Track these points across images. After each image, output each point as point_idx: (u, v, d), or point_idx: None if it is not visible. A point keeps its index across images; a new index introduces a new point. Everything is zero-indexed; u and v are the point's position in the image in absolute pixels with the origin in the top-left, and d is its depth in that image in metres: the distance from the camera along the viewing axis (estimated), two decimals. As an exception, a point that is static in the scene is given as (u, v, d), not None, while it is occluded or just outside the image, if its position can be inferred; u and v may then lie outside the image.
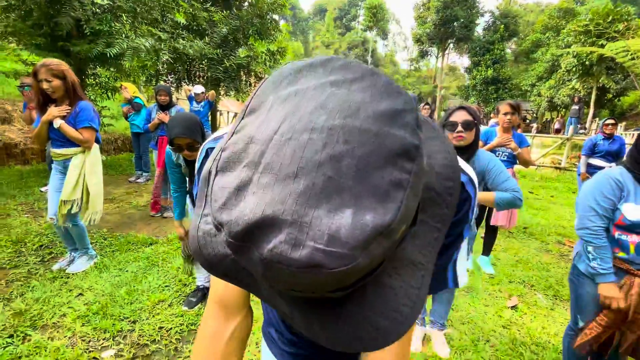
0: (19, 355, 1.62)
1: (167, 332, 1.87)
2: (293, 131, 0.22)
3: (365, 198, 0.21)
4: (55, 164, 2.38)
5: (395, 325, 0.28)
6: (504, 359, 1.85)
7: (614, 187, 1.33)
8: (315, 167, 0.21)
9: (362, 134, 0.22)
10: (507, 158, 2.73)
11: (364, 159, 0.21)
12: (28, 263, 2.49)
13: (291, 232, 0.20)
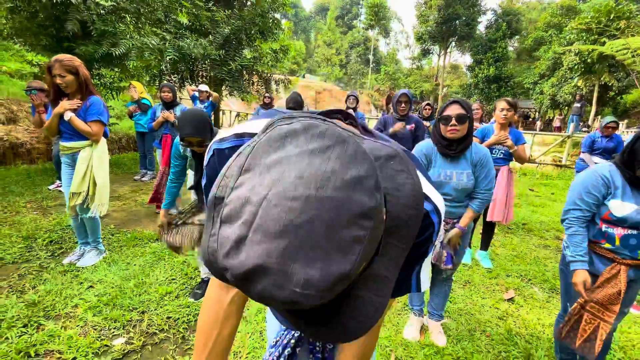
0: (34, 343, 1.70)
1: (175, 321, 1.95)
2: (278, 198, 0.29)
3: (332, 252, 0.28)
4: (64, 158, 2.47)
5: (362, 325, 0.36)
6: (499, 348, 1.92)
7: (600, 184, 1.39)
8: (294, 228, 0.28)
9: (330, 201, 0.29)
10: (503, 155, 2.79)
11: (332, 221, 0.28)
12: (39, 257, 2.57)
13: (276, 279, 0.28)
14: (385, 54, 40.97)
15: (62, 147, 2.41)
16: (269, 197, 0.29)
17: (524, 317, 2.27)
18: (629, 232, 1.38)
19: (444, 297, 2.01)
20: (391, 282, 0.40)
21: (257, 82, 8.75)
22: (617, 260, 1.38)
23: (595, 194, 1.40)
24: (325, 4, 51.72)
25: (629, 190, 1.38)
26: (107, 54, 5.27)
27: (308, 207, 0.28)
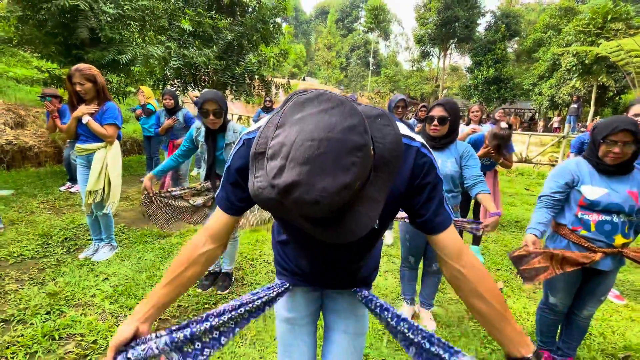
0: (57, 328, 1.86)
1: (185, 309, 2.11)
2: (302, 140, 0.46)
3: (338, 171, 0.46)
4: (80, 159, 2.64)
5: (360, 230, 0.54)
6: (484, 332, 2.07)
7: (565, 172, 1.59)
8: (314, 158, 0.45)
9: (335, 141, 0.46)
10: (490, 162, 2.95)
11: (336, 153, 0.46)
12: (56, 253, 2.74)
13: (305, 188, 0.45)
14: (386, 56, 41.19)
15: (78, 149, 2.59)
16: (296, 141, 0.46)
17: (511, 305, 2.41)
18: (602, 217, 1.53)
19: (434, 287, 2.16)
20: (380, 203, 0.56)
21: (258, 86, 8.94)
22: (593, 249, 1.54)
23: (560, 181, 1.59)
24: (326, 7, 52.07)
25: (598, 176, 1.55)
26: (114, 60, 5.47)
27: (321, 145, 0.46)
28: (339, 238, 0.53)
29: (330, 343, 1.02)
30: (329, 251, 0.85)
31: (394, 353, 1.84)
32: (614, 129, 1.46)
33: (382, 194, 0.57)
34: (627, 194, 1.50)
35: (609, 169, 1.53)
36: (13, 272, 2.43)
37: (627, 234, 1.53)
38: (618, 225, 1.52)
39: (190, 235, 3.24)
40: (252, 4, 7.63)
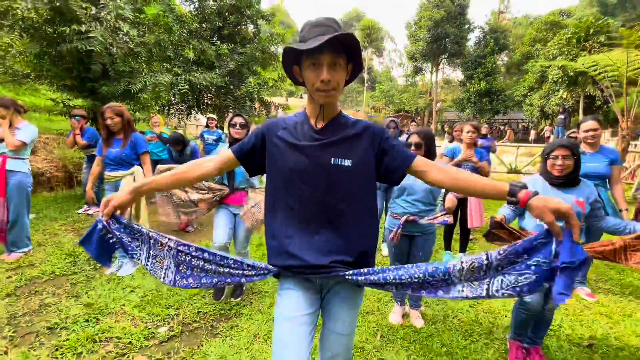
0: (96, 333, 2.16)
1: (204, 314, 2.42)
2: (316, 30, 1.05)
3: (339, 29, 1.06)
4: (108, 186, 3.00)
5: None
6: (466, 327, 2.37)
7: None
8: (326, 30, 1.04)
9: (335, 23, 1.08)
10: (471, 171, 3.31)
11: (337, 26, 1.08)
12: (84, 270, 3.06)
13: (323, 33, 1.00)
14: (380, 72, 42.30)
15: (107, 177, 2.95)
16: (314, 32, 1.00)
17: (491, 304, 2.72)
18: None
19: None
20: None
21: (259, 107, 9.43)
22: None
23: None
24: (320, 27, 53.77)
25: (550, 188, 1.91)
26: (125, 90, 5.92)
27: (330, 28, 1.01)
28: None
29: (325, 339, 1.19)
30: (310, 190, 1.07)
31: (385, 345, 2.14)
32: (553, 147, 1.84)
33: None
34: (575, 202, 1.85)
35: (559, 182, 1.89)
36: (49, 287, 2.74)
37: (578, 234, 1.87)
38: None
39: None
40: (250, 36, 8.19)
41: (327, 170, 1.08)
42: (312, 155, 1.08)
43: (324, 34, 0.97)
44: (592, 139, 2.74)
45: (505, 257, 0.96)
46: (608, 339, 2.34)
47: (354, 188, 1.10)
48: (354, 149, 1.10)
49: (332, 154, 1.08)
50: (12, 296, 2.59)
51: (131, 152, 2.89)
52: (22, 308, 2.43)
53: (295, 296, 1.12)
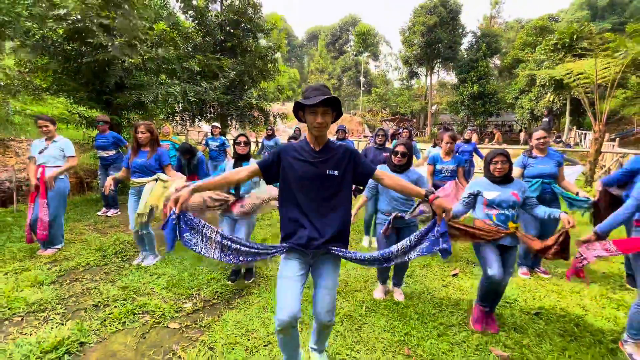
0: (134, 308, 2.65)
1: (221, 294, 2.91)
2: (315, 92, 1.63)
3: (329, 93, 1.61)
4: (132, 190, 3.47)
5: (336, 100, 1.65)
6: (437, 301, 2.88)
7: (468, 188, 2.47)
8: (322, 92, 1.60)
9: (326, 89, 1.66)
10: (450, 174, 3.83)
11: (327, 91, 1.64)
12: (114, 262, 3.55)
13: (318, 95, 1.57)
14: (376, 75, 43.01)
15: (132, 182, 3.43)
16: (314, 93, 1.58)
17: (462, 284, 3.23)
18: (499, 211, 2.38)
19: (403, 271, 2.97)
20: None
21: (258, 116, 9.95)
22: (501, 231, 2.37)
23: (466, 192, 2.46)
24: (317, 32, 54.58)
25: (492, 185, 2.43)
26: (137, 101, 6.42)
27: (323, 91, 1.60)
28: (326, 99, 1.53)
29: (317, 294, 1.73)
30: (314, 194, 1.66)
31: (369, 314, 2.65)
32: (495, 155, 2.37)
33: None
34: (511, 194, 2.37)
35: (498, 180, 2.41)
36: (87, 275, 3.23)
37: (515, 221, 2.39)
38: (509, 216, 2.38)
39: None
40: (251, 46, 8.74)
41: (324, 178, 1.67)
42: (314, 167, 1.67)
43: (319, 95, 1.55)
44: (542, 145, 3.28)
45: (420, 236, 1.78)
46: (554, 309, 2.85)
47: (340, 189, 1.70)
48: (340, 163, 1.69)
49: (327, 167, 1.68)
50: (56, 283, 3.08)
51: (155, 163, 3.36)
52: (67, 292, 2.92)
53: (292, 264, 1.71)
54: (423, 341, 2.31)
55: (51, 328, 2.36)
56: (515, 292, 3.07)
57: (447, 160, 3.87)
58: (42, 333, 2.30)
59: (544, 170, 3.25)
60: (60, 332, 2.29)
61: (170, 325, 2.46)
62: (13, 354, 2.07)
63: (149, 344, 2.25)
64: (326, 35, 49.61)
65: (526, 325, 2.58)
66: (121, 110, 6.61)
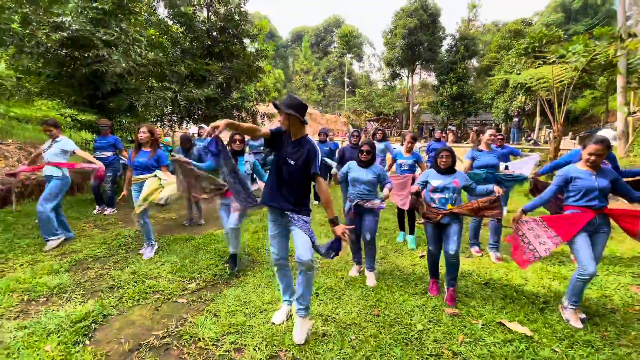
0: (144, 289, 3.06)
1: (221, 276, 3.36)
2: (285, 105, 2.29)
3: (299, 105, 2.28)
4: (134, 186, 3.82)
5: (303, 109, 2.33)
6: (405, 276, 3.42)
7: (421, 177, 3.01)
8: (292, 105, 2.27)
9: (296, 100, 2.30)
10: (408, 168, 4.39)
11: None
12: (119, 253, 3.93)
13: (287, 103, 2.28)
14: (360, 76, 43.78)
15: (134, 179, 3.79)
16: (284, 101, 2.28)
17: (425, 263, 3.77)
18: (441, 196, 2.93)
19: (372, 256, 3.45)
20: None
21: (245, 116, 10.33)
22: (440, 212, 2.92)
23: (420, 179, 3.01)
24: (301, 32, 54.95)
25: (437, 175, 2.98)
26: (130, 105, 6.73)
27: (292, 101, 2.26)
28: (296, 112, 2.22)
29: (294, 240, 2.31)
30: (286, 173, 2.24)
31: (347, 287, 3.16)
32: (441, 151, 2.93)
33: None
34: (452, 182, 2.93)
35: (442, 171, 2.97)
36: (97, 264, 3.61)
37: (454, 204, 2.94)
38: (448, 199, 2.93)
39: (209, 238, 4.49)
40: (238, 51, 9.12)
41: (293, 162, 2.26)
42: (289, 154, 2.24)
43: (285, 103, 2.19)
44: (491, 139, 3.93)
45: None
46: (501, 280, 3.43)
47: (301, 171, 2.28)
48: (303, 155, 2.25)
49: (296, 155, 2.24)
50: (70, 271, 3.45)
51: (154, 162, 3.76)
52: (82, 278, 3.30)
53: (270, 222, 2.42)
54: (390, 305, 2.84)
55: (75, 306, 2.76)
56: (470, 268, 3.65)
57: (407, 156, 4.44)
58: (68, 309, 2.69)
59: (489, 162, 3.90)
60: (85, 308, 2.69)
61: (178, 301, 2.89)
62: (47, 325, 2.47)
63: (162, 315, 2.68)
64: (310, 35, 50.07)
65: (475, 292, 3.14)
66: (115, 114, 6.90)
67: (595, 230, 2.65)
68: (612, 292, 3.20)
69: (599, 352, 2.30)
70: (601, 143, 2.56)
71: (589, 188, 2.59)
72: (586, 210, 2.62)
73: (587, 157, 2.63)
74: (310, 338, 2.36)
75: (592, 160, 2.60)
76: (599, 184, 2.59)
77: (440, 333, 2.47)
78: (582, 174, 2.66)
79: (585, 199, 2.62)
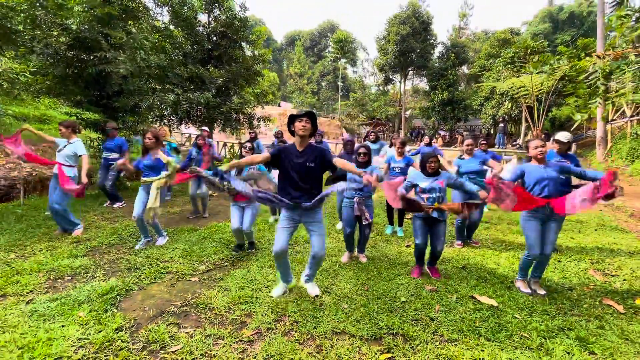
0: (159, 270, 3.41)
1: (227, 260, 3.73)
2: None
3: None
4: (142, 187, 4.02)
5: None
6: (392, 262, 3.83)
7: (409, 178, 3.43)
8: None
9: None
10: (400, 171, 4.80)
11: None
12: (131, 242, 4.26)
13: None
14: (354, 81, 44.48)
15: (142, 181, 4.01)
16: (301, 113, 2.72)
17: (411, 251, 4.20)
18: (428, 195, 3.35)
19: (365, 241, 3.88)
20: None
21: (242, 119, 10.70)
22: (427, 208, 3.34)
23: (408, 180, 3.42)
24: (296, 36, 55.57)
25: (425, 178, 3.39)
26: (134, 106, 7.05)
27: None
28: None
29: (312, 240, 2.74)
30: (299, 177, 2.64)
31: (341, 269, 3.56)
32: (429, 157, 3.35)
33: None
34: (438, 183, 3.35)
35: (429, 174, 3.39)
36: (112, 250, 3.94)
37: (440, 202, 3.36)
38: (435, 198, 3.35)
39: (214, 229, 4.86)
40: (237, 55, 9.51)
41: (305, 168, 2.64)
42: (299, 161, 2.62)
43: (305, 111, 2.59)
44: (469, 148, 4.37)
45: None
46: (477, 264, 3.87)
47: (321, 167, 2.67)
48: (316, 158, 2.65)
49: (307, 161, 2.62)
50: (88, 256, 3.78)
51: (160, 164, 4.00)
52: (99, 260, 3.64)
53: (284, 218, 2.73)
54: (378, 283, 3.25)
55: (99, 282, 3.10)
56: (450, 255, 4.09)
57: (399, 160, 4.85)
58: (94, 284, 3.03)
59: (471, 168, 4.36)
60: (108, 284, 3.03)
61: (191, 279, 3.26)
62: (77, 297, 2.81)
63: (178, 290, 3.04)
64: (305, 40, 50.70)
65: (453, 274, 3.58)
66: (119, 113, 7.21)
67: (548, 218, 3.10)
68: (571, 275, 3.66)
69: (553, 320, 2.74)
70: (541, 140, 3.18)
71: (539, 178, 3.06)
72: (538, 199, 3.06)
73: (533, 152, 3.11)
74: (310, 307, 2.75)
75: (538, 154, 3.09)
76: (547, 174, 3.05)
77: (420, 304, 2.89)
78: (532, 167, 3.14)
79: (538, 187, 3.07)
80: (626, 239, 4.86)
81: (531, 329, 2.58)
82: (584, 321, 2.75)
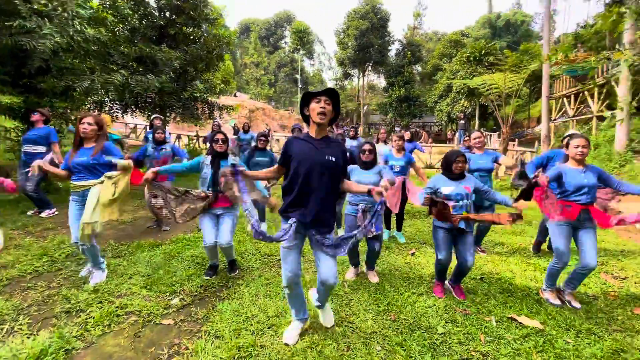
0: (115, 310, 2.49)
1: (207, 287, 2.90)
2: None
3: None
4: (74, 196, 2.77)
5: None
6: (405, 275, 3.32)
7: (429, 183, 2.90)
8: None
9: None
10: (400, 170, 4.30)
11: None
12: (68, 267, 3.20)
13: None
14: (311, 74, 43.79)
15: (73, 186, 2.75)
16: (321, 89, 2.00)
17: (420, 261, 3.75)
18: (454, 204, 2.85)
19: (374, 259, 3.29)
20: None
21: (202, 108, 9.50)
22: (455, 216, 2.84)
23: (429, 187, 2.88)
24: (250, 24, 53.07)
25: (449, 181, 2.88)
26: (67, 88, 5.66)
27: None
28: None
29: (320, 263, 2.08)
30: (316, 182, 1.96)
31: (353, 291, 2.95)
32: (457, 156, 2.83)
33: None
34: (464, 188, 2.87)
35: (454, 176, 2.89)
36: (40, 283, 2.88)
37: (469, 211, 2.87)
38: (463, 207, 2.85)
39: (181, 243, 3.93)
40: (197, 35, 8.30)
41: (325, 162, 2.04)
42: (325, 153, 2.01)
43: (325, 89, 1.92)
44: (479, 144, 3.96)
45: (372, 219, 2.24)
46: (492, 274, 3.53)
47: (343, 167, 2.16)
48: (338, 153, 2.07)
49: (327, 154, 2.01)
50: (3, 294, 2.69)
51: (103, 161, 2.83)
52: (23, 302, 2.59)
53: (290, 235, 1.99)
54: (403, 308, 2.71)
55: (22, 340, 2.12)
56: (463, 265, 3.70)
57: (398, 157, 4.32)
58: (13, 345, 2.05)
59: (483, 165, 3.83)
60: (37, 343, 2.07)
61: (163, 322, 2.40)
62: (-16, 371, 1.84)
63: (146, 342, 2.19)
64: (260, 28, 48.61)
65: (475, 288, 3.17)
66: (47, 97, 5.74)
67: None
68: (587, 279, 3.47)
69: (602, 340, 2.42)
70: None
71: (579, 185, 2.75)
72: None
73: (572, 152, 2.82)
74: (336, 353, 2.10)
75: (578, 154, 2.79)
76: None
77: (462, 334, 2.40)
78: (572, 170, 2.82)
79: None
80: (608, 236, 4.95)
81: (589, 356, 2.23)
82: (628, 337, 2.48)
